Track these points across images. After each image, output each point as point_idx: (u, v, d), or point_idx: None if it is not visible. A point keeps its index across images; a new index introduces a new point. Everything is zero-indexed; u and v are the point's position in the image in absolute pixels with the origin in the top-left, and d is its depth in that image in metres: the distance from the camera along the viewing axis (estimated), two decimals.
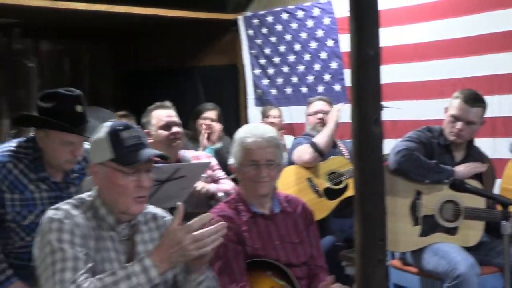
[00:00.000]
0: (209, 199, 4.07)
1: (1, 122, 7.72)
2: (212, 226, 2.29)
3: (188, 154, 4.28)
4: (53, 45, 8.23)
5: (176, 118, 4.13)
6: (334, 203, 4.64)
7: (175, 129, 4.06)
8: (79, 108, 3.06)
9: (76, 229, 2.33)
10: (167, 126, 4.06)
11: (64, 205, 2.42)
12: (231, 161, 3.03)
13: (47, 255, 2.29)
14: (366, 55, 1.78)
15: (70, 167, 3.21)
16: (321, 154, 4.64)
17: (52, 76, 8.21)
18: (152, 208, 2.60)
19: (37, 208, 3.14)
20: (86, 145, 3.04)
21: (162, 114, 4.10)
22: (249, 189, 2.98)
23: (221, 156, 5.69)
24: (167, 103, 4.20)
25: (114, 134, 2.39)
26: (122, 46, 8.66)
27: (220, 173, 4.32)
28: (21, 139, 3.24)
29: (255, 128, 3.06)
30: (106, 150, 2.37)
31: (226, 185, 4.23)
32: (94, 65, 8.62)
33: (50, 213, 2.37)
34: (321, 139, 4.65)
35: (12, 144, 3.19)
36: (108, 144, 2.38)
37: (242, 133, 3.00)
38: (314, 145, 4.63)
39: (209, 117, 5.95)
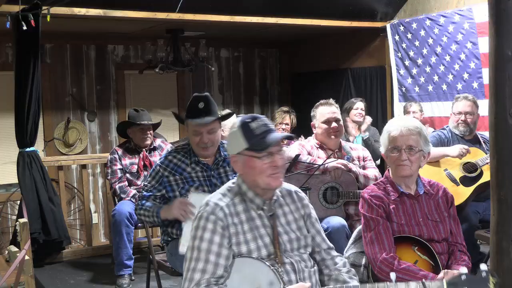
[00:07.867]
0: (356, 180, 4.03)
1: None
2: None
3: (348, 145, 4.28)
4: (230, 52, 8.52)
5: (336, 115, 4.11)
6: (471, 189, 4.41)
7: (334, 124, 4.07)
8: (201, 105, 3.40)
9: (218, 225, 2.31)
10: (328, 121, 4.08)
11: (213, 198, 2.42)
12: (382, 149, 3.04)
13: (189, 249, 2.32)
14: (505, 55, 1.73)
15: (205, 152, 3.49)
16: None
17: (229, 78, 8.51)
18: (285, 185, 2.59)
19: (195, 183, 3.45)
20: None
21: (325, 111, 4.11)
22: (394, 172, 2.97)
23: (367, 144, 5.70)
24: (331, 100, 4.20)
25: (244, 126, 2.38)
26: (287, 52, 8.77)
27: (369, 163, 4.23)
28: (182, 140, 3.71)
29: (400, 120, 3.07)
30: (241, 141, 2.37)
31: (370, 171, 4.15)
32: (263, 69, 8.82)
33: (201, 209, 2.38)
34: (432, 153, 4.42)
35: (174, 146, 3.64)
36: (241, 135, 2.37)
37: (389, 124, 3.02)
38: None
39: (359, 107, 6.12)
